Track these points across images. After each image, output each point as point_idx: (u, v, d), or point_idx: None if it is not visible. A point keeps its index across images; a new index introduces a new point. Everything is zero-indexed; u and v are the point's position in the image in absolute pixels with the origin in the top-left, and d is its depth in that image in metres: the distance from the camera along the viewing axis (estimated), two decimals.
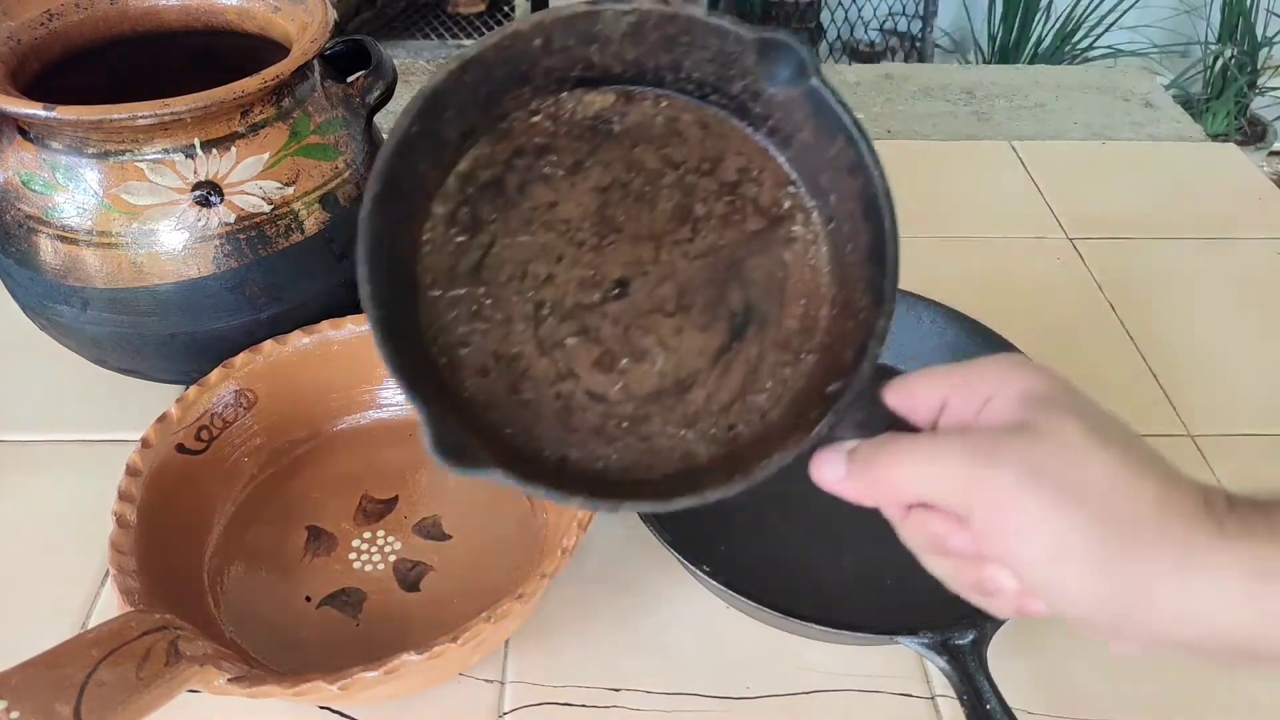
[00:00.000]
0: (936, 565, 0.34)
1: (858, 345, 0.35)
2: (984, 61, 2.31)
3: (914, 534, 0.33)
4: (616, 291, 0.37)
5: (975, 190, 0.85)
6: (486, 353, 0.36)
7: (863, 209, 0.36)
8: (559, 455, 0.35)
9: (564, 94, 0.38)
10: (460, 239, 0.37)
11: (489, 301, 0.37)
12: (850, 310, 0.36)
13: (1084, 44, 2.16)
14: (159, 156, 0.50)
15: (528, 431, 0.36)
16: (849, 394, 0.34)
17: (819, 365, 0.37)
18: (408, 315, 0.36)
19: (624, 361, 0.37)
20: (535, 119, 0.38)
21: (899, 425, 0.34)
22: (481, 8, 2.34)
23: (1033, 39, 2.19)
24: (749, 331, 0.37)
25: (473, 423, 0.35)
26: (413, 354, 0.35)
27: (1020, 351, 0.58)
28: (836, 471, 0.33)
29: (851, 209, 0.37)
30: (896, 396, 0.34)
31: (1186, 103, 2.14)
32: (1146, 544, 0.28)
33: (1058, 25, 2.16)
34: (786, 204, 0.38)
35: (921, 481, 0.31)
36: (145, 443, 0.49)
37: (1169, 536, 0.28)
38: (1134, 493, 0.28)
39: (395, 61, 0.64)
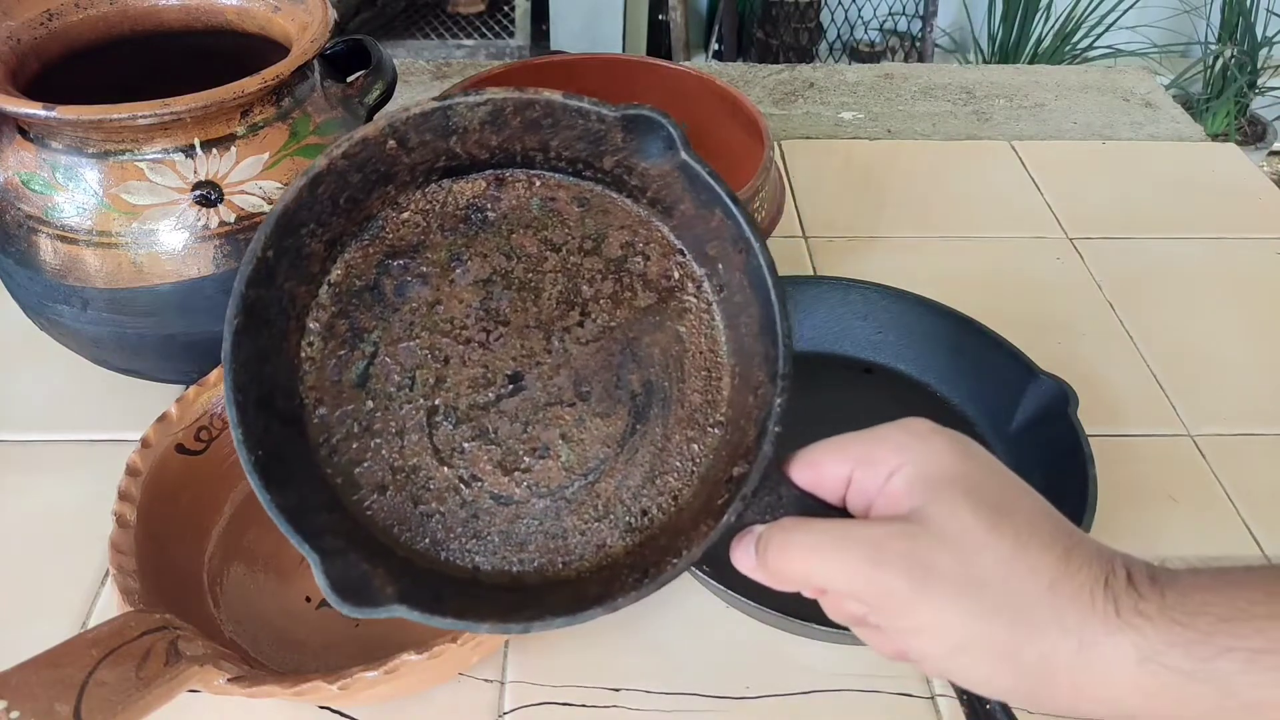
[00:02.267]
0: (860, 634, 0.34)
1: (758, 424, 0.34)
2: (984, 61, 2.31)
3: (833, 611, 0.34)
4: (511, 387, 0.36)
5: (975, 190, 0.85)
6: (383, 468, 0.35)
7: (750, 282, 0.35)
8: (470, 565, 0.34)
9: (431, 186, 0.36)
10: (341, 353, 0.35)
11: (379, 414, 0.35)
12: (749, 384, 0.36)
13: (1084, 44, 2.16)
14: (159, 156, 0.50)
15: (436, 545, 0.34)
16: (754, 477, 0.33)
17: (724, 441, 0.36)
18: (293, 443, 0.34)
19: (526, 460, 0.36)
20: (405, 215, 0.36)
21: (809, 501, 0.33)
22: (481, 7, 2.34)
23: (1033, 39, 2.18)
24: (652, 411, 0.36)
25: (376, 543, 0.34)
26: (304, 484, 0.33)
27: (1016, 350, 0.58)
28: (749, 560, 0.33)
29: (740, 280, 0.36)
30: (803, 473, 0.33)
31: (1186, 103, 2.14)
32: (1043, 632, 0.28)
33: (1058, 25, 2.16)
34: (676, 274, 0.37)
35: (821, 577, 0.31)
36: (145, 443, 0.49)
37: (1065, 625, 0.28)
38: (1028, 580, 0.29)
39: (395, 61, 0.64)
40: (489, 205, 0.37)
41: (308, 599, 0.49)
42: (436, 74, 1.00)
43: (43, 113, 0.46)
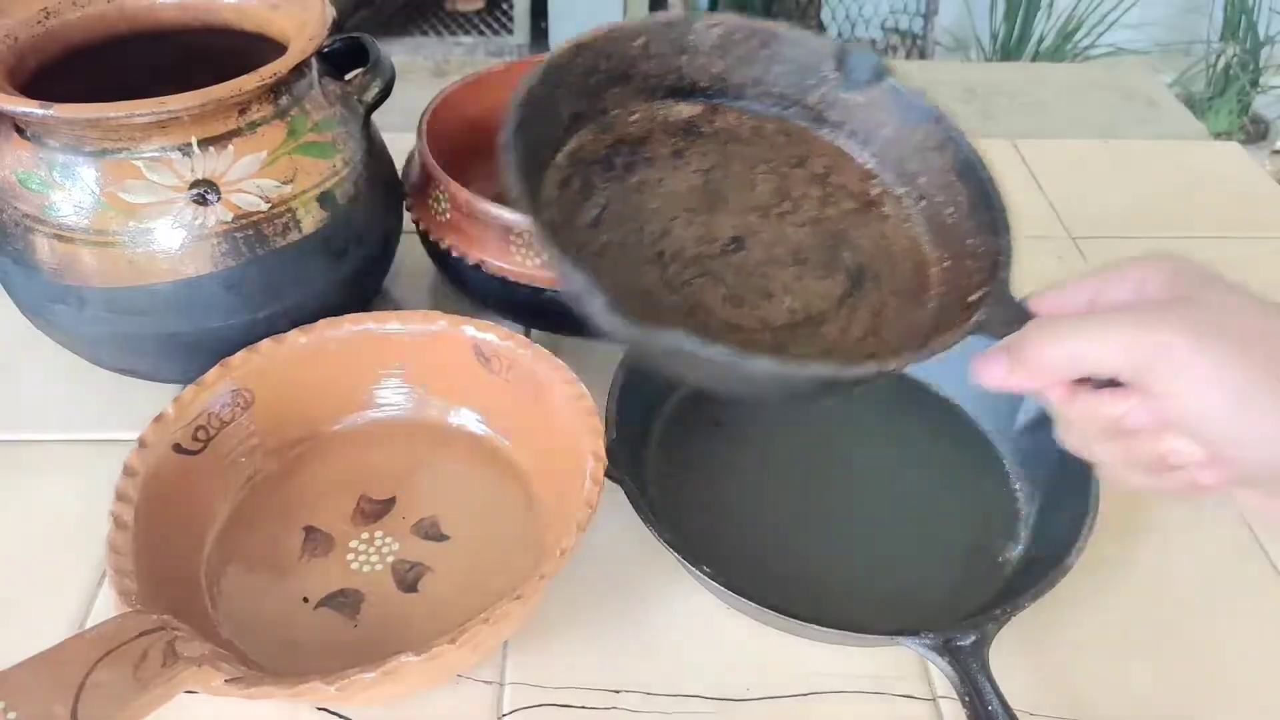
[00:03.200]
0: (1104, 451, 0.34)
1: (986, 269, 0.36)
2: (986, 59, 2.30)
3: (1082, 417, 0.33)
4: (733, 246, 0.39)
5: None
6: (615, 287, 0.35)
7: (958, 173, 0.39)
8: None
9: (656, 102, 0.41)
10: (574, 199, 0.39)
11: (611, 245, 0.38)
12: (964, 255, 0.38)
13: (1086, 42, 2.16)
14: (156, 155, 0.50)
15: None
16: (994, 288, 0.35)
17: (942, 307, 0.38)
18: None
19: (753, 297, 0.38)
20: (634, 116, 0.41)
21: None
22: (479, 5, 2.34)
23: (1034, 37, 2.18)
24: (866, 284, 0.39)
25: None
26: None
27: None
28: (998, 369, 0.33)
29: (944, 180, 0.40)
30: (1045, 304, 0.34)
31: (1189, 101, 2.14)
32: None
33: (1060, 23, 2.16)
34: (874, 192, 0.41)
35: (1089, 356, 0.31)
36: (142, 443, 0.48)
37: None
38: None
39: (393, 59, 0.64)
40: (705, 124, 0.42)
41: (305, 600, 0.49)
42: (435, 71, 1.00)
43: (40, 111, 0.46)
